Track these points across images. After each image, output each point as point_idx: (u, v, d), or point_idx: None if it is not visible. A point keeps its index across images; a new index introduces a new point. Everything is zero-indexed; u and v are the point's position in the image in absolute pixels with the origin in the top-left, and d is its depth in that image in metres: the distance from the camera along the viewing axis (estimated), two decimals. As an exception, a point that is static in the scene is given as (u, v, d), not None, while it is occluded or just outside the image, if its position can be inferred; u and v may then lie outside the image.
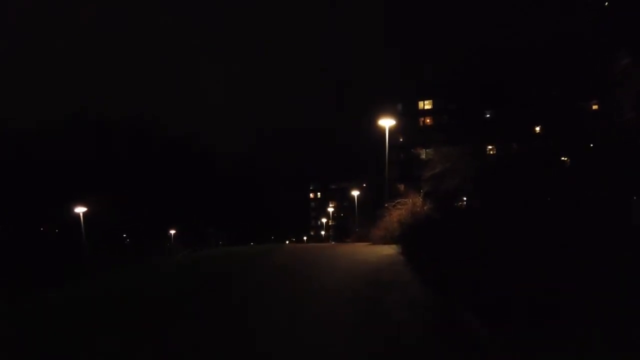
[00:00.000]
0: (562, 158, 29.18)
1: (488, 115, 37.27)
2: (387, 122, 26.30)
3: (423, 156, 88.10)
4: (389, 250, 18.19)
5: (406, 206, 24.58)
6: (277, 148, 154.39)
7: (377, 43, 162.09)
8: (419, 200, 24.76)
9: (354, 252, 18.57)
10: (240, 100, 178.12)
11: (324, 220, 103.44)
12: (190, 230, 64.27)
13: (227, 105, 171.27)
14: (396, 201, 25.25)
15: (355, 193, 57.63)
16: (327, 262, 15.10)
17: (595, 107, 32.51)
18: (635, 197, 19.16)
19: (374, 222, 31.19)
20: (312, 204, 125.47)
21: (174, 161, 73.98)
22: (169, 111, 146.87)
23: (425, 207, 24.17)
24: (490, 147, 36.17)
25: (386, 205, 25.87)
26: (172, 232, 64.03)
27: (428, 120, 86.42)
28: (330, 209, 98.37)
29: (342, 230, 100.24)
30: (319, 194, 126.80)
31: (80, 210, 39.70)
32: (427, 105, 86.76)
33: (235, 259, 19.24)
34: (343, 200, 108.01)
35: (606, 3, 29.07)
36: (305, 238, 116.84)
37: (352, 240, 64.80)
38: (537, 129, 30.68)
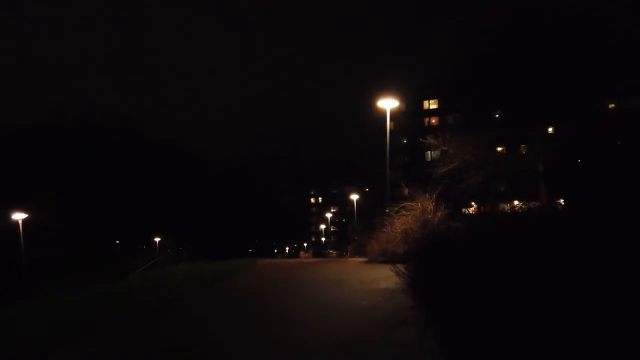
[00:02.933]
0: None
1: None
2: (388, 104, 20.02)
3: (428, 159, 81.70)
4: (388, 277, 11.90)
5: (413, 212, 18.23)
6: (277, 151, 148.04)
7: (380, 42, 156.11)
8: (429, 204, 18.38)
9: (338, 280, 12.25)
10: (239, 102, 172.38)
11: (323, 226, 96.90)
12: (172, 240, 57.82)
13: (226, 107, 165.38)
14: (400, 205, 18.89)
15: (354, 197, 51.29)
16: (281, 313, 8.79)
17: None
18: None
19: (372, 230, 25.06)
20: (313, 209, 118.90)
21: (159, 165, 67.93)
22: (167, 115, 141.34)
23: (438, 213, 17.83)
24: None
25: (387, 210, 19.53)
26: (158, 239, 57.65)
27: (434, 121, 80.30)
28: (329, 215, 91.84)
29: (343, 237, 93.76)
30: (320, 198, 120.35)
31: (19, 217, 29.01)
32: (432, 104, 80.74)
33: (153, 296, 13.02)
34: (345, 205, 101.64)
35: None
36: (305, 244, 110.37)
37: (351, 249, 58.33)
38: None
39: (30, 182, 48.93)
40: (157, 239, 57.65)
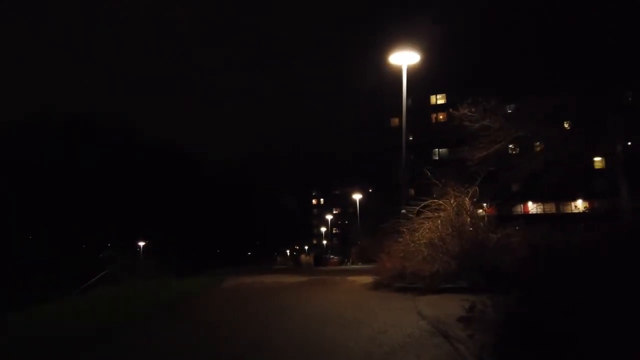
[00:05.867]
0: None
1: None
2: (404, 58, 13.82)
3: (436, 157, 75.48)
4: (421, 338, 5.89)
5: (444, 213, 12.02)
6: (277, 151, 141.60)
7: (382, 39, 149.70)
8: (465, 201, 12.14)
9: (318, 352, 6.02)
10: (239, 102, 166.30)
11: (324, 229, 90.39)
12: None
13: (226, 107, 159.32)
14: (422, 203, 12.67)
15: (357, 196, 45.11)
16: None
17: None
18: None
19: (380, 238, 18.90)
20: (315, 210, 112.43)
21: (152, 164, 61.93)
22: (166, 115, 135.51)
23: (483, 213, 11.66)
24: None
25: (403, 211, 13.37)
26: (142, 243, 51.53)
27: (442, 117, 74.20)
28: (330, 217, 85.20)
29: (345, 240, 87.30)
30: (321, 200, 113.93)
31: None
32: (440, 99, 74.63)
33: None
34: (347, 206, 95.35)
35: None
36: (306, 247, 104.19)
37: (354, 254, 51.71)
38: None
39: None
40: (141, 243, 51.65)
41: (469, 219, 11.77)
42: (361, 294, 10.92)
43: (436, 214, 12.31)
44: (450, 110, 13.67)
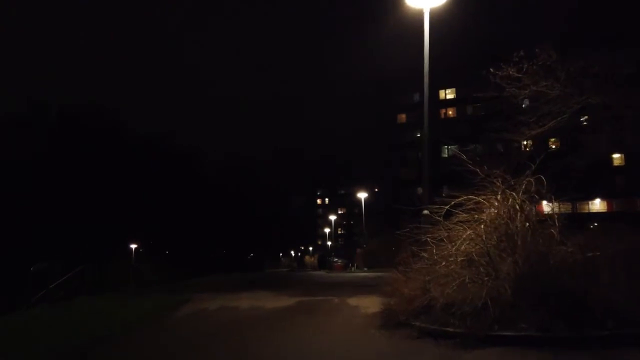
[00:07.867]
0: None
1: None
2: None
3: (445, 154, 70.71)
4: None
5: (488, 214, 7.96)
6: (277, 152, 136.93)
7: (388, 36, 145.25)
8: (516, 198, 7.99)
9: None
10: (240, 102, 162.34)
11: (328, 230, 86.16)
12: (156, 248, 47.55)
13: (226, 107, 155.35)
14: (453, 200, 8.56)
15: (362, 195, 41.02)
16: None
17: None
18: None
19: (384, 241, 15.17)
20: (320, 210, 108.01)
21: (143, 162, 58.13)
22: (165, 114, 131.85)
23: (549, 212, 7.62)
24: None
25: (425, 212, 9.32)
26: (134, 246, 47.74)
27: (451, 112, 69.84)
28: (334, 217, 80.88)
29: (350, 241, 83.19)
30: (326, 199, 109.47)
31: None
32: (449, 94, 70.17)
33: None
34: (353, 206, 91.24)
35: None
36: (311, 248, 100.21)
37: (358, 255, 47.63)
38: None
39: None
40: (134, 246, 47.91)
41: (526, 224, 7.72)
42: (365, 344, 6.89)
43: (475, 215, 8.29)
44: (491, 70, 9.46)
